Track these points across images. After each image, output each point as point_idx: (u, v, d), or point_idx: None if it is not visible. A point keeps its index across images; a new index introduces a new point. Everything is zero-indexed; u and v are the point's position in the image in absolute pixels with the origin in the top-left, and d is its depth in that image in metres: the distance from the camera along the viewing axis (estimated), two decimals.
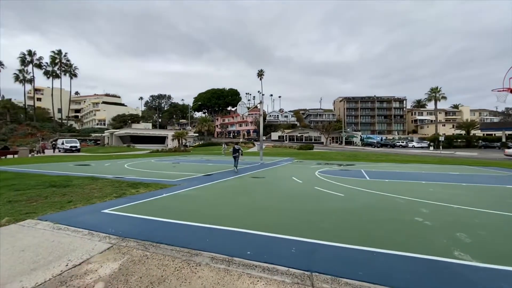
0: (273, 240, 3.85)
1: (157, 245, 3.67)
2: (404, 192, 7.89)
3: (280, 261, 3.12)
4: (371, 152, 38.04)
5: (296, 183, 9.78)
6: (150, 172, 12.96)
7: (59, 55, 70.05)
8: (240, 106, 21.85)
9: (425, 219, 4.94)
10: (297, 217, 5.14)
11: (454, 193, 7.88)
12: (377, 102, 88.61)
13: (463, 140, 60.73)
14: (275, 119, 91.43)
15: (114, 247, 3.66)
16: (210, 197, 7.17)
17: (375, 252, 3.41)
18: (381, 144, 61.99)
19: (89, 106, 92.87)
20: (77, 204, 6.11)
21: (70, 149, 38.44)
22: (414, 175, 12.35)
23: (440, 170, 14.77)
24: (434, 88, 64.91)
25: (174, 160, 22.29)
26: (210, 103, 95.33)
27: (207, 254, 3.35)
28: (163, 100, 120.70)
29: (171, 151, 39.85)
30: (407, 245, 3.67)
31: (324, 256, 3.30)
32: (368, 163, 20.14)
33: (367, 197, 7.21)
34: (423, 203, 6.40)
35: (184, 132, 50.57)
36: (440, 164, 19.57)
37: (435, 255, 3.31)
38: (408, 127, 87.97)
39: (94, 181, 9.52)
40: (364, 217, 5.18)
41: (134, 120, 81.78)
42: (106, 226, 4.50)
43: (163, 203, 6.33)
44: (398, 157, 27.93)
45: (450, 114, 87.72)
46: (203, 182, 9.55)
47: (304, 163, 19.63)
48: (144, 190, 7.79)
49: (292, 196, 7.30)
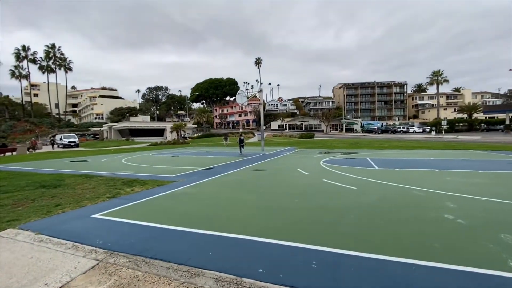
0: (287, 251, 3.27)
1: (151, 261, 3.09)
2: (420, 182, 7.32)
3: (300, 283, 2.54)
4: (373, 139, 37.41)
5: (303, 175, 9.19)
6: (147, 167, 12.36)
7: (53, 49, 68.25)
8: (239, 96, 21.07)
9: (456, 217, 4.36)
10: (310, 218, 4.56)
11: (475, 182, 7.31)
12: (377, 87, 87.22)
13: (465, 124, 60.06)
14: (274, 108, 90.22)
15: (100, 265, 3.08)
16: (211, 195, 6.58)
17: (414, 266, 2.82)
18: (382, 130, 61.32)
19: (86, 100, 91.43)
20: (66, 208, 5.53)
21: (69, 144, 37.79)
22: (424, 163, 11.77)
23: (449, 156, 14.19)
24: (436, 72, 63.60)
25: (173, 153, 21.68)
26: (208, 93, 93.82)
27: (210, 273, 2.77)
28: (160, 92, 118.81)
29: (170, 144, 39.21)
30: (450, 254, 3.08)
31: (353, 272, 2.72)
32: (372, 150, 19.56)
33: (382, 189, 6.63)
34: (446, 195, 5.82)
35: (182, 124, 49.76)
36: (446, 149, 19.00)
37: (487, 268, 2.72)
38: (409, 112, 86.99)
39: (88, 179, 8.92)
40: (386, 215, 4.60)
41: (132, 113, 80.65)
42: (93, 236, 3.92)
43: (160, 204, 5.75)
44: (401, 143, 27.34)
45: (451, 97, 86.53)
46: (203, 178, 8.97)
47: (307, 152, 19.04)
48: (139, 189, 7.21)
49: (300, 192, 6.72)
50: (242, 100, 21.59)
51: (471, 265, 2.80)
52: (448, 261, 2.89)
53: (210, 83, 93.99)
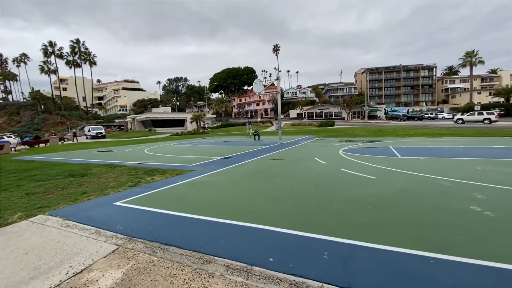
0: (299, 241, 3.25)
1: (166, 247, 3.21)
2: (446, 172, 6.90)
3: (310, 273, 2.52)
4: (398, 126, 35.66)
5: (320, 164, 9.03)
6: (168, 157, 12.78)
7: (77, 44, 71.40)
8: (256, 84, 20.84)
9: (484, 208, 4.07)
10: (325, 208, 4.48)
11: (508, 171, 6.76)
12: (403, 71, 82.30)
13: (502, 109, 55.29)
14: (293, 96, 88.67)
15: (120, 250, 3.26)
16: (227, 184, 6.68)
17: (432, 259, 2.69)
18: (408, 117, 58.18)
19: (111, 93, 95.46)
20: (91, 196, 5.89)
21: (96, 135, 40.05)
22: (452, 151, 11.06)
23: (481, 144, 13.21)
24: (469, 52, 58.63)
25: (192, 143, 22.19)
26: (226, 83, 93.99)
27: (221, 261, 2.83)
28: (180, 83, 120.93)
29: (190, 134, 40.12)
30: (473, 248, 2.90)
31: (365, 264, 2.65)
32: (396, 138, 18.69)
33: (404, 179, 6.34)
34: (474, 185, 5.45)
35: (201, 114, 50.53)
36: (478, 136, 17.67)
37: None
38: (438, 97, 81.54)
39: (112, 168, 9.42)
40: (406, 207, 4.41)
41: (154, 104, 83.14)
42: (114, 222, 4.15)
43: (178, 192, 5.94)
44: (428, 130, 25.83)
45: (486, 80, 79.69)
46: (221, 167, 9.10)
47: (326, 141, 18.62)
48: (159, 178, 7.48)
49: (316, 181, 6.61)
50: (259, 89, 21.36)
51: (495, 260, 2.61)
52: (470, 255, 2.72)
53: (228, 72, 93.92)
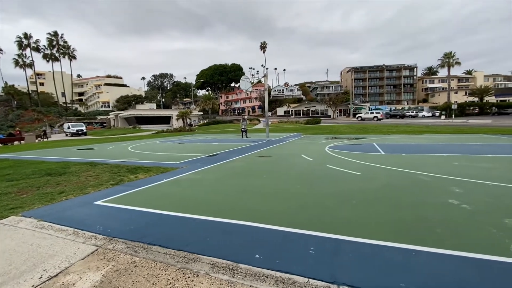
0: (286, 237, 3.24)
1: (149, 247, 3.11)
2: (427, 167, 7.15)
3: (297, 268, 2.51)
4: (381, 124, 36.73)
5: (306, 161, 9.11)
6: (152, 155, 12.46)
7: (55, 36, 67.94)
8: (243, 81, 20.71)
9: (462, 202, 4.24)
10: (311, 204, 4.51)
11: (483, 166, 7.10)
12: (386, 71, 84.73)
13: (476, 108, 58.20)
14: (280, 93, 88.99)
15: (99, 251, 3.12)
16: (213, 181, 6.59)
17: (413, 251, 2.76)
18: (390, 115, 60.04)
19: (92, 88, 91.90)
20: (69, 195, 5.62)
21: (77, 132, 38.48)
22: (432, 147, 11.50)
23: (458, 141, 13.83)
24: (447, 53, 61.07)
25: (178, 140, 21.79)
26: (213, 80, 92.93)
27: (207, 259, 2.77)
28: (166, 79, 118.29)
29: (176, 131, 39.41)
30: (451, 240, 3.00)
31: (350, 259, 2.68)
32: (379, 135, 19.22)
33: (387, 175, 6.51)
34: (452, 180, 5.68)
35: (188, 111, 49.78)
36: (456, 133, 18.50)
37: (489, 253, 2.64)
38: (419, 96, 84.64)
39: (93, 167, 9.05)
40: (389, 201, 4.52)
41: (138, 101, 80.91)
42: (94, 222, 3.97)
43: (162, 190, 5.78)
44: (409, 128, 26.75)
45: (463, 80, 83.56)
46: (207, 164, 8.98)
47: (312, 138, 18.85)
48: (143, 176, 7.27)
49: (303, 177, 6.66)
50: (246, 86, 21.25)
51: (473, 250, 2.72)
52: (449, 247, 2.81)
53: (215, 69, 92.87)
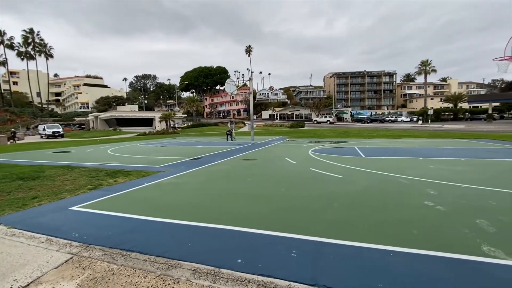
0: (269, 241, 3.24)
1: (128, 254, 3.00)
2: (405, 170, 7.44)
3: (279, 272, 2.51)
4: (362, 128, 37.88)
5: (291, 164, 9.20)
6: (134, 158, 12.09)
7: (31, 34, 64.60)
8: (228, 84, 20.66)
9: (437, 203, 4.45)
10: (293, 207, 4.55)
11: (456, 169, 7.50)
12: (367, 77, 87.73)
13: (451, 113, 61.59)
14: (265, 97, 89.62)
15: (74, 259, 2.97)
16: (197, 185, 6.49)
17: (391, 252, 2.85)
18: (371, 120, 62.15)
19: (70, 89, 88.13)
20: (43, 201, 5.32)
21: (53, 134, 36.60)
22: (409, 151, 12.00)
23: (434, 145, 14.53)
24: (424, 61, 64.26)
25: (161, 143, 21.31)
26: (197, 82, 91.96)
27: (188, 265, 2.71)
28: (148, 80, 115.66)
29: (159, 134, 38.52)
30: (427, 240, 3.13)
31: (331, 261, 2.72)
32: (360, 139, 19.81)
33: (367, 178, 6.71)
34: (428, 182, 5.95)
35: (171, 113, 48.83)
36: (432, 138, 19.44)
37: (462, 253, 2.78)
38: (397, 102, 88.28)
39: (69, 170, 8.64)
40: (369, 203, 4.65)
41: (119, 102, 78.42)
42: (70, 229, 3.78)
43: (143, 195, 5.62)
44: (389, 132, 27.78)
45: (438, 87, 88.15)
46: (191, 167, 8.84)
47: (297, 141, 19.09)
48: (123, 180, 7.02)
49: (287, 180, 6.71)
50: (231, 89, 21.20)
51: (447, 250, 2.85)
52: (425, 247, 2.93)
53: (199, 71, 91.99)
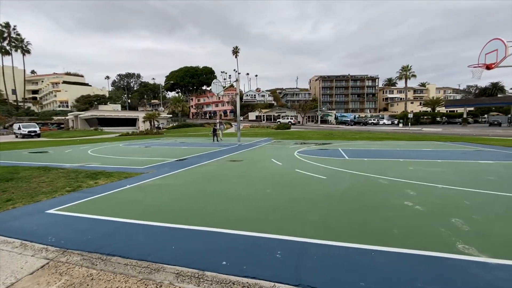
0: (254, 242, 3.24)
1: (108, 258, 2.90)
2: (385, 171, 7.69)
3: (263, 273, 2.52)
4: (346, 130, 38.80)
5: (276, 165, 9.26)
6: (116, 159, 11.72)
7: (7, 28, 61.22)
8: (215, 85, 20.54)
9: (415, 203, 4.63)
10: (280, 208, 4.59)
11: (434, 171, 7.84)
12: (351, 80, 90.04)
13: (429, 117, 64.40)
14: (252, 98, 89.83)
15: (51, 265, 2.84)
16: (181, 187, 6.38)
17: (372, 251, 2.94)
18: (354, 122, 63.85)
19: (48, 86, 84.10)
20: (17, 203, 5.04)
21: (29, 134, 34.76)
22: (390, 153, 12.42)
23: (413, 147, 15.12)
24: (405, 67, 66.89)
25: (145, 143, 20.79)
26: (183, 82, 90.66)
27: (171, 268, 2.66)
28: (132, 79, 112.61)
29: (142, 134, 37.60)
30: (406, 239, 3.26)
31: (315, 261, 2.76)
32: (344, 141, 20.28)
33: (350, 178, 6.87)
34: (407, 183, 6.18)
35: (156, 113, 47.76)
36: (411, 140, 20.22)
37: (440, 251, 2.91)
38: (379, 105, 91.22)
39: (46, 172, 8.23)
40: (352, 203, 4.77)
41: (101, 101, 75.77)
42: (46, 233, 3.60)
43: (124, 197, 5.45)
44: (371, 134, 28.65)
45: (418, 92, 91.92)
46: (175, 169, 8.68)
47: (283, 143, 19.25)
48: (104, 181, 6.79)
49: (272, 182, 6.75)
50: (218, 90, 21.08)
51: (425, 248, 2.98)
52: (405, 246, 3.04)
53: (185, 71, 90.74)
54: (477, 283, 2.33)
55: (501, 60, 10.43)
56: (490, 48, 10.94)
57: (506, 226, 3.63)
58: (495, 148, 14.01)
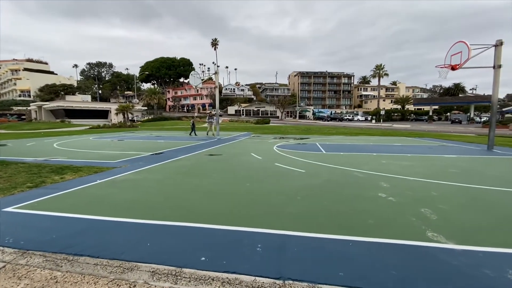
0: (234, 236, 3.18)
1: (75, 259, 2.67)
2: (361, 165, 7.98)
3: (243, 268, 2.47)
4: (323, 126, 39.89)
5: (256, 159, 9.23)
6: (85, 153, 10.99)
7: None
8: (193, 76, 19.94)
9: (388, 195, 4.84)
10: (260, 202, 4.56)
11: (404, 164, 8.28)
12: (328, 77, 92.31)
13: (399, 114, 68.12)
14: (231, 92, 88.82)
15: (8, 268, 2.56)
16: (157, 181, 6.13)
17: (350, 242, 3.01)
18: (331, 118, 65.78)
19: (7, 73, 76.89)
20: None
21: None
22: (364, 147, 12.94)
23: (385, 142, 15.90)
24: (378, 65, 69.74)
25: (118, 137, 19.76)
26: (159, 73, 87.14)
27: (146, 266, 2.52)
28: (104, 68, 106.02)
29: (115, 127, 35.73)
30: (381, 229, 3.38)
31: (296, 253, 2.77)
32: (321, 136, 20.80)
33: (328, 172, 7.04)
34: (381, 176, 6.45)
35: (130, 105, 45.54)
36: (383, 136, 21.26)
37: (412, 239, 3.05)
38: (354, 102, 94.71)
39: (4, 167, 7.48)
40: (330, 196, 4.87)
41: (68, 91, 70.69)
42: (2, 233, 3.25)
43: (95, 193, 5.11)
44: (346, 130, 29.70)
45: (390, 90, 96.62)
46: (151, 163, 8.32)
47: (262, 137, 19.29)
48: (71, 176, 6.32)
49: (252, 175, 6.72)
50: (196, 82, 20.51)
51: (399, 237, 3.11)
52: (380, 236, 3.16)
53: (162, 62, 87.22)
54: (445, 269, 2.47)
55: (464, 62, 11.17)
56: (455, 50, 11.67)
57: (468, 214, 3.92)
58: (456, 143, 15.15)
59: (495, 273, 2.39)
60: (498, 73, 11.50)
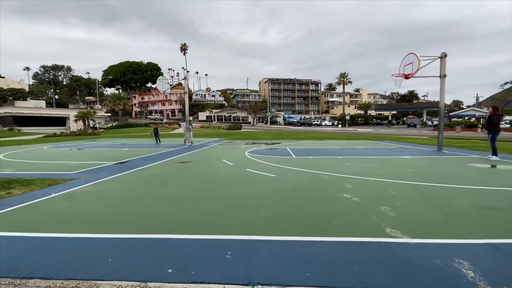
0: (203, 245, 3.11)
1: (23, 282, 2.40)
2: (328, 168, 8.34)
3: (213, 276, 2.43)
4: (293, 131, 41.02)
5: (227, 165, 9.17)
6: (37, 164, 10.00)
7: None
8: (161, 82, 19.29)
9: (353, 195, 5.12)
10: (230, 208, 4.53)
11: (366, 166, 8.82)
12: (297, 84, 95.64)
13: (362, 119, 72.66)
14: (202, 98, 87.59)
15: None
16: (121, 192, 5.79)
17: (317, 242, 3.12)
18: (301, 123, 68.04)
19: None
20: None
21: None
22: (332, 151, 13.56)
23: (350, 145, 16.82)
24: (343, 73, 74.09)
25: (77, 146, 18.31)
26: (124, 78, 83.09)
27: (107, 284, 2.35)
28: (61, 72, 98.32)
29: (74, 135, 33.12)
30: (345, 228, 3.56)
31: (265, 257, 2.79)
32: (292, 141, 21.36)
33: (297, 176, 7.24)
34: (346, 178, 6.80)
35: (91, 112, 42.57)
36: (348, 139, 22.48)
37: (373, 236, 3.26)
38: (322, 108, 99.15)
39: None
40: (299, 199, 5.01)
41: (19, 96, 64.12)
42: None
43: (49, 207, 4.66)
44: (315, 134, 30.88)
45: (354, 96, 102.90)
46: (114, 173, 7.84)
47: (234, 143, 19.25)
48: (20, 191, 5.70)
49: (223, 182, 6.65)
50: (164, 88, 19.84)
51: (361, 235, 3.30)
52: (343, 234, 3.32)
53: (127, 66, 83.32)
54: (401, 262, 2.67)
55: (415, 71, 12.34)
56: (408, 61, 12.85)
57: (421, 210, 4.29)
58: (412, 145, 16.56)
59: (444, 262, 2.64)
60: (444, 82, 12.88)
